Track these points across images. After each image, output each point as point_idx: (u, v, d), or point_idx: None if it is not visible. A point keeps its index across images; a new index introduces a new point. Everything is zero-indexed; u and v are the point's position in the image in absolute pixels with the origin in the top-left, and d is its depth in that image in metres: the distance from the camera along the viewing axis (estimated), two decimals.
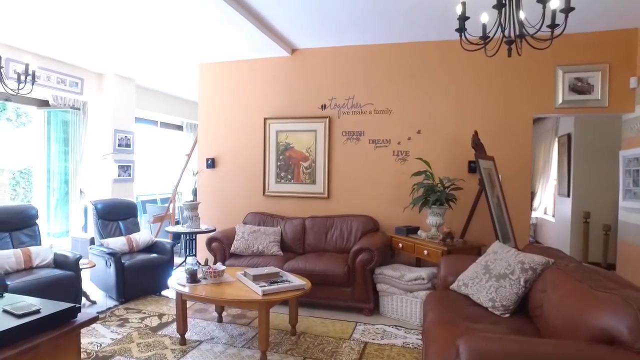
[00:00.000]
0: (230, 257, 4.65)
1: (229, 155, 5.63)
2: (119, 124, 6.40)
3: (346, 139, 5.19)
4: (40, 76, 5.51)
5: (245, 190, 5.54)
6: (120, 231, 5.01)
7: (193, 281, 3.48)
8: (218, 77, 5.70)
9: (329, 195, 5.23)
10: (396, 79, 5.00)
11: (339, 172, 5.21)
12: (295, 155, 5.33)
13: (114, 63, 5.85)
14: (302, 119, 5.29)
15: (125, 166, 6.47)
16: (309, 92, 5.31)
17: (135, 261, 4.54)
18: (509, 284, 2.74)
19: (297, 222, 5.05)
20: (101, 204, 4.97)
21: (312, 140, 5.26)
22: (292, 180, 5.34)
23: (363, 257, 4.18)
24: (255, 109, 5.51)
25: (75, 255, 4.19)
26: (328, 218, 5.01)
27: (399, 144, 5.00)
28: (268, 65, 5.47)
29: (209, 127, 5.74)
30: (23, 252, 4.09)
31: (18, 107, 8.73)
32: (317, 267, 4.26)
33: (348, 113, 5.18)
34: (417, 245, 4.24)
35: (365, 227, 4.85)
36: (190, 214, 5.02)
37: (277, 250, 4.70)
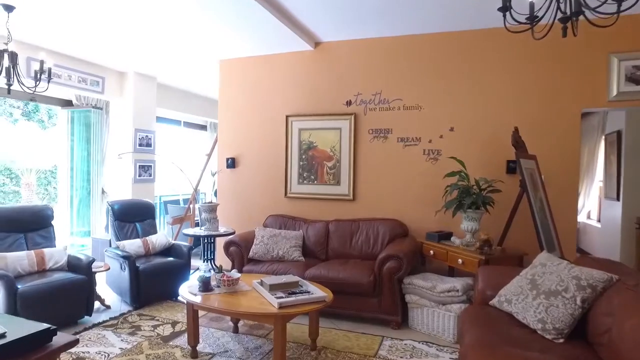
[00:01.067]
0: (249, 263, 4.38)
1: (249, 155, 5.38)
2: (140, 123, 6.27)
3: (373, 137, 4.84)
4: (61, 75, 5.43)
5: (266, 191, 5.28)
6: (137, 233, 4.83)
7: (206, 290, 3.22)
8: (238, 73, 5.46)
9: (354, 197, 4.89)
10: (427, 72, 4.62)
11: (365, 173, 4.87)
12: (318, 154, 5.02)
13: (135, 61, 5.70)
14: (326, 116, 4.98)
15: (146, 166, 6.33)
16: (333, 88, 5.00)
17: (151, 265, 4.34)
18: (562, 303, 2.34)
19: (320, 225, 4.74)
20: (118, 204, 4.80)
21: (337, 139, 4.94)
22: (315, 181, 5.04)
23: (390, 265, 3.83)
24: (277, 106, 5.24)
25: (88, 258, 4.01)
26: (353, 222, 4.68)
27: (430, 143, 4.62)
28: (290, 60, 5.19)
29: (229, 126, 5.51)
30: (36, 254, 3.95)
31: (50, 109, 8.80)
32: (341, 275, 3.94)
33: (375, 109, 4.83)
34: (451, 252, 3.85)
35: (393, 232, 4.49)
36: (209, 216, 4.79)
37: (298, 256, 4.40)
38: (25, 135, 7.91)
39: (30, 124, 8.47)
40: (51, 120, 10.28)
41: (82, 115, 6.58)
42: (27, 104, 10.57)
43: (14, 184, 9.19)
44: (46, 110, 10.56)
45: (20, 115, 9.46)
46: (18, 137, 7.83)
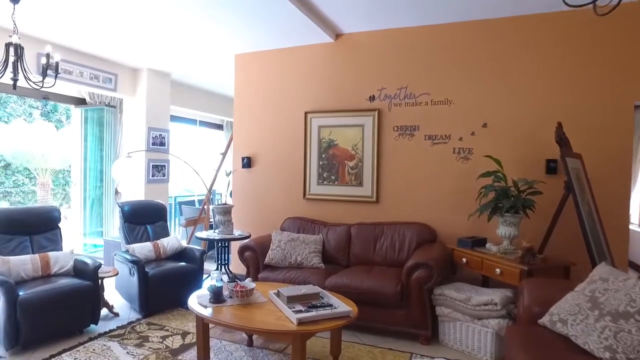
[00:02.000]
0: (265, 269, 4.07)
1: (266, 154, 5.08)
2: (154, 121, 6.03)
3: (398, 135, 4.48)
4: (72, 71, 5.22)
5: (284, 192, 4.96)
6: (147, 236, 4.57)
7: (217, 301, 2.92)
8: (255, 68, 5.17)
9: (377, 199, 4.54)
10: (457, 63, 4.24)
11: (389, 173, 4.51)
12: (339, 153, 4.69)
13: (149, 57, 5.47)
14: (347, 113, 4.64)
15: (159, 166, 6.10)
16: (355, 82, 4.66)
17: (161, 270, 4.06)
18: (636, 328, 1.95)
19: (342, 229, 4.40)
20: (128, 206, 4.55)
21: (359, 137, 4.60)
22: (336, 182, 4.70)
23: (419, 275, 3.47)
24: (296, 102, 4.92)
25: (95, 263, 3.76)
26: (377, 225, 4.33)
27: (461, 140, 4.24)
28: (309, 53, 4.86)
29: (245, 123, 5.22)
30: (41, 258, 3.71)
31: (68, 109, 8.70)
32: (365, 284, 3.60)
33: (400, 105, 4.47)
34: (487, 261, 3.47)
35: (421, 237, 4.12)
36: (223, 219, 4.51)
37: (317, 262, 4.07)
38: (40, 135, 7.80)
39: (45, 124, 8.36)
40: (68, 121, 10.20)
41: (95, 113, 6.39)
42: (46, 104, 10.55)
43: (33, 184, 9.12)
44: (64, 110, 10.51)
45: (39, 116, 9.41)
46: (34, 137, 7.72)
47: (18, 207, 3.93)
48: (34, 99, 6.21)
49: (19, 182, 9.77)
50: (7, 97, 9.75)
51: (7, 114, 9.15)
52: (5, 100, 9.69)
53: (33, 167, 7.82)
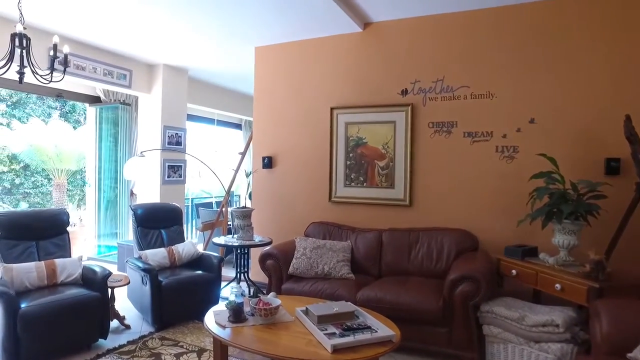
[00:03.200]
0: (289, 280, 3.67)
1: (288, 153, 4.69)
2: (170, 119, 5.71)
3: (434, 132, 4.04)
4: (85, 67, 4.92)
5: (308, 194, 4.56)
6: (162, 241, 4.22)
7: (237, 319, 2.53)
8: (276, 61, 4.78)
9: (411, 202, 4.10)
10: (502, 52, 3.78)
11: (424, 174, 4.07)
12: (368, 152, 4.27)
13: (165, 51, 5.14)
14: (377, 108, 4.22)
15: (176, 166, 5.76)
16: (386, 75, 4.23)
17: (175, 280, 3.70)
18: None
19: (372, 235, 3.97)
20: (141, 209, 4.21)
21: (390, 134, 4.17)
22: (364, 184, 4.28)
23: (465, 289, 3.02)
24: (320, 98, 4.52)
25: (104, 271, 3.41)
26: (411, 231, 3.89)
27: (504, 138, 3.78)
28: (335, 44, 4.46)
29: (266, 120, 4.84)
30: (47, 266, 3.39)
31: (85, 109, 8.49)
32: (402, 298, 3.17)
33: (436, 99, 4.03)
34: (543, 275, 3.00)
35: (461, 245, 3.68)
36: (242, 223, 4.13)
37: (347, 273, 3.65)
38: (57, 135, 7.57)
39: (62, 124, 8.14)
40: (86, 121, 10.00)
41: (110, 112, 6.11)
42: (64, 104, 10.39)
43: (51, 185, 8.93)
44: (82, 110, 10.33)
45: (57, 116, 9.23)
46: (50, 137, 7.50)
47: (24, 210, 3.63)
48: (48, 97, 5.94)
49: (37, 183, 9.62)
50: (27, 97, 9.62)
51: (25, 115, 9.00)
52: (25, 101, 9.56)
53: (49, 168, 7.59)
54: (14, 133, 7.55)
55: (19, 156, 7.80)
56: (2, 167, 9.00)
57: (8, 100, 9.20)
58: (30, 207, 9.47)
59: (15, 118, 8.26)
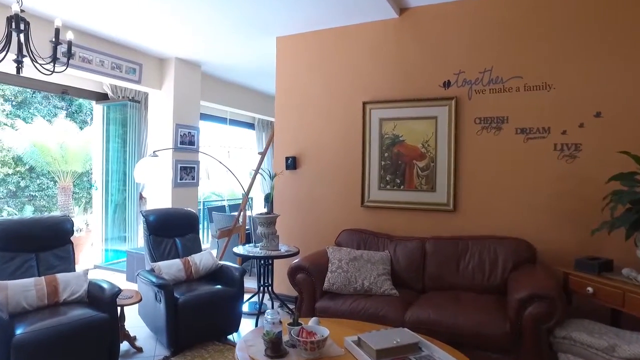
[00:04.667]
0: (324, 297, 3.16)
1: (315, 153, 4.19)
2: (182, 117, 5.22)
3: (481, 128, 3.54)
4: (92, 60, 4.44)
5: (337, 198, 4.06)
6: (176, 251, 3.72)
7: (275, 354, 2.03)
8: (300, 52, 4.29)
9: (454, 207, 3.60)
10: (561, 36, 3.28)
11: (470, 175, 3.57)
12: (406, 151, 3.77)
13: (178, 43, 4.65)
14: (416, 102, 3.72)
15: (188, 167, 5.27)
16: (425, 66, 3.73)
17: (193, 297, 3.19)
18: None
19: (413, 245, 3.46)
20: (153, 215, 3.72)
21: (431, 131, 3.67)
22: (401, 186, 3.78)
23: (536, 310, 2.52)
24: (351, 91, 4.02)
25: (113, 288, 2.91)
26: (459, 240, 3.39)
27: (564, 134, 3.27)
28: (368, 32, 3.96)
29: (289, 117, 4.34)
30: (47, 282, 2.89)
31: (93, 109, 8.03)
32: (460, 320, 2.66)
33: (483, 92, 3.53)
34: (633, 295, 2.48)
35: (517, 256, 3.16)
36: (266, 231, 3.63)
37: (389, 288, 3.15)
38: (62, 135, 7.09)
39: (66, 123, 7.68)
40: (89, 117, 9.50)
41: (117, 110, 5.63)
42: (71, 104, 9.92)
43: (57, 188, 8.46)
44: (89, 110, 9.85)
45: (64, 117, 8.76)
46: (54, 137, 7.02)
47: (22, 218, 3.14)
48: (53, 94, 5.46)
49: (43, 186, 9.16)
50: (32, 97, 9.16)
51: (30, 115, 8.54)
52: (30, 101, 9.10)
53: (54, 170, 7.12)
54: (17, 133, 7.08)
55: (22, 157, 7.33)
56: (7, 169, 8.56)
57: (13, 100, 8.75)
58: (36, 211, 9.02)
59: (20, 118, 7.80)
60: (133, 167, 5.50)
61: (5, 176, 8.57)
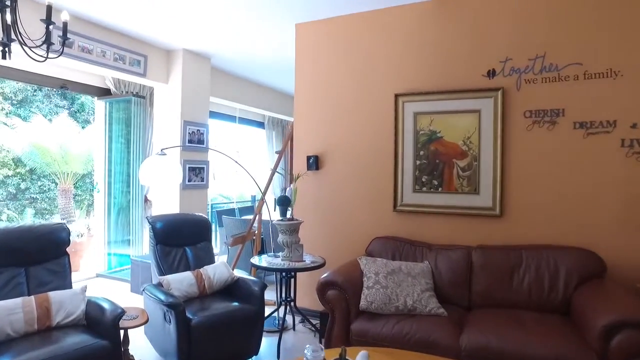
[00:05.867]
0: (360, 317, 2.67)
1: (339, 151, 3.71)
2: (190, 114, 4.74)
3: (532, 123, 3.06)
4: (92, 50, 3.96)
5: (366, 202, 3.57)
6: (187, 262, 3.24)
7: None
8: (323, 39, 3.80)
9: (501, 211, 3.12)
10: (628, 16, 2.80)
11: (519, 175, 3.09)
12: (445, 149, 3.29)
13: (186, 33, 4.17)
14: (456, 94, 3.25)
15: (197, 168, 4.79)
16: (466, 53, 3.26)
17: (208, 317, 2.71)
18: None
19: (457, 255, 2.98)
20: (161, 222, 3.23)
21: (474, 126, 3.19)
22: (439, 188, 3.30)
23: (628, 340, 2.04)
24: (381, 82, 3.54)
25: (115, 310, 2.43)
26: (510, 250, 2.90)
27: (634, 128, 2.80)
28: (400, 16, 3.48)
29: (310, 112, 3.86)
30: (39, 303, 2.42)
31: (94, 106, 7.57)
32: (530, 349, 2.18)
33: (535, 81, 3.05)
34: None
35: (583, 270, 2.68)
36: (289, 240, 3.15)
37: (436, 307, 2.66)
38: (62, 134, 6.62)
39: (67, 122, 7.20)
40: (92, 117, 9.02)
41: (121, 106, 5.15)
42: (73, 102, 9.44)
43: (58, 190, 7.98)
44: (91, 109, 9.37)
45: (66, 116, 8.28)
46: (54, 136, 6.55)
47: (8, 227, 2.67)
48: (51, 88, 4.98)
49: (44, 188, 8.69)
50: (33, 95, 8.69)
51: (31, 113, 8.07)
52: (31, 100, 8.63)
53: (54, 171, 6.64)
54: (15, 132, 6.60)
55: (20, 158, 6.86)
56: (6, 171, 8.09)
57: (13, 98, 8.28)
58: (37, 214, 8.55)
59: (21, 118, 7.32)
60: (137, 168, 5.02)
61: (5, 178, 8.10)
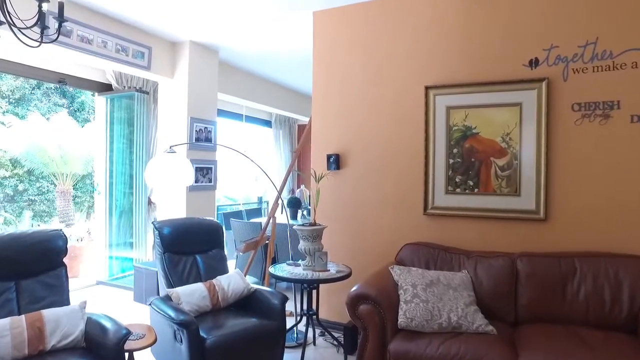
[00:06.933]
0: (398, 336, 2.31)
1: (363, 150, 3.35)
2: (197, 110, 4.38)
3: (581, 117, 2.72)
4: (92, 40, 3.60)
5: (393, 204, 3.22)
6: (197, 271, 2.89)
7: None
8: (343, 28, 3.45)
9: (546, 215, 2.77)
10: None
11: (566, 175, 2.75)
12: (481, 146, 2.94)
13: (193, 24, 3.82)
14: (494, 86, 2.90)
15: (205, 168, 4.43)
16: (504, 40, 2.91)
17: (224, 337, 2.35)
18: None
19: (500, 263, 2.63)
20: (168, 227, 2.87)
21: (514, 121, 2.85)
22: (475, 189, 2.96)
23: None
24: (409, 74, 3.19)
25: (119, 331, 2.07)
26: (561, 258, 2.56)
27: None
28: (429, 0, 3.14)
29: (330, 107, 3.51)
30: (30, 323, 2.06)
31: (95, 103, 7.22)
32: None
33: (585, 70, 2.71)
34: None
35: None
36: (311, 247, 2.80)
37: (484, 324, 2.31)
38: (60, 133, 6.26)
39: (66, 120, 6.83)
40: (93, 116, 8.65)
41: (123, 103, 4.79)
42: (73, 101, 9.06)
43: None
44: (92, 109, 9.00)
45: (65, 115, 7.90)
46: (52, 135, 6.18)
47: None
48: (48, 82, 4.62)
49: (43, 189, 8.32)
50: (31, 94, 8.31)
51: (26, 111, 7.69)
52: (29, 98, 8.25)
53: (52, 172, 6.28)
54: (12, 132, 6.23)
55: (18, 158, 6.49)
56: (3, 172, 7.71)
57: (10, 96, 7.91)
58: (35, 216, 8.18)
59: (18, 117, 6.94)
60: (140, 168, 4.66)
61: (2, 179, 7.72)
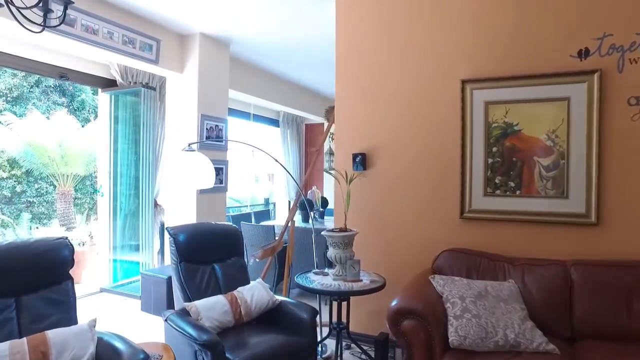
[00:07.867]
0: (448, 355, 2.04)
1: (392, 149, 3.07)
2: (208, 107, 4.09)
3: (639, 112, 2.47)
4: (97, 30, 3.31)
5: (426, 207, 2.94)
6: (216, 282, 2.60)
7: None
8: (369, 16, 3.17)
9: (598, 219, 2.52)
10: None
11: (621, 175, 2.49)
12: (524, 145, 2.68)
13: (204, 14, 3.54)
14: (538, 79, 2.64)
15: (216, 169, 4.13)
16: (551, 28, 2.65)
17: (250, 356, 2.07)
18: None
19: (551, 273, 2.36)
20: (184, 234, 2.58)
21: (561, 117, 2.59)
22: (517, 191, 2.70)
23: None
24: (443, 66, 2.92)
25: (135, 356, 1.79)
26: (621, 267, 2.30)
27: None
28: None
29: (355, 103, 3.22)
30: (32, 347, 1.77)
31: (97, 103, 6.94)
32: None
33: None
34: None
35: None
36: (342, 255, 2.53)
37: (544, 342, 2.04)
38: (59, 132, 5.94)
39: (66, 119, 6.52)
40: (93, 115, 8.33)
41: (128, 99, 4.49)
42: (73, 99, 8.73)
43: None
44: (93, 107, 8.68)
45: (65, 114, 7.58)
46: (52, 134, 5.87)
47: None
48: (48, 76, 4.31)
49: (42, 191, 8.00)
50: (29, 92, 7.99)
51: (24, 110, 7.37)
52: (27, 96, 7.93)
53: (52, 173, 5.96)
54: (10, 130, 5.91)
55: (15, 158, 6.18)
56: (0, 173, 7.38)
57: (8, 94, 7.58)
58: (34, 219, 7.85)
59: (16, 115, 6.62)
60: (146, 169, 4.36)
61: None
